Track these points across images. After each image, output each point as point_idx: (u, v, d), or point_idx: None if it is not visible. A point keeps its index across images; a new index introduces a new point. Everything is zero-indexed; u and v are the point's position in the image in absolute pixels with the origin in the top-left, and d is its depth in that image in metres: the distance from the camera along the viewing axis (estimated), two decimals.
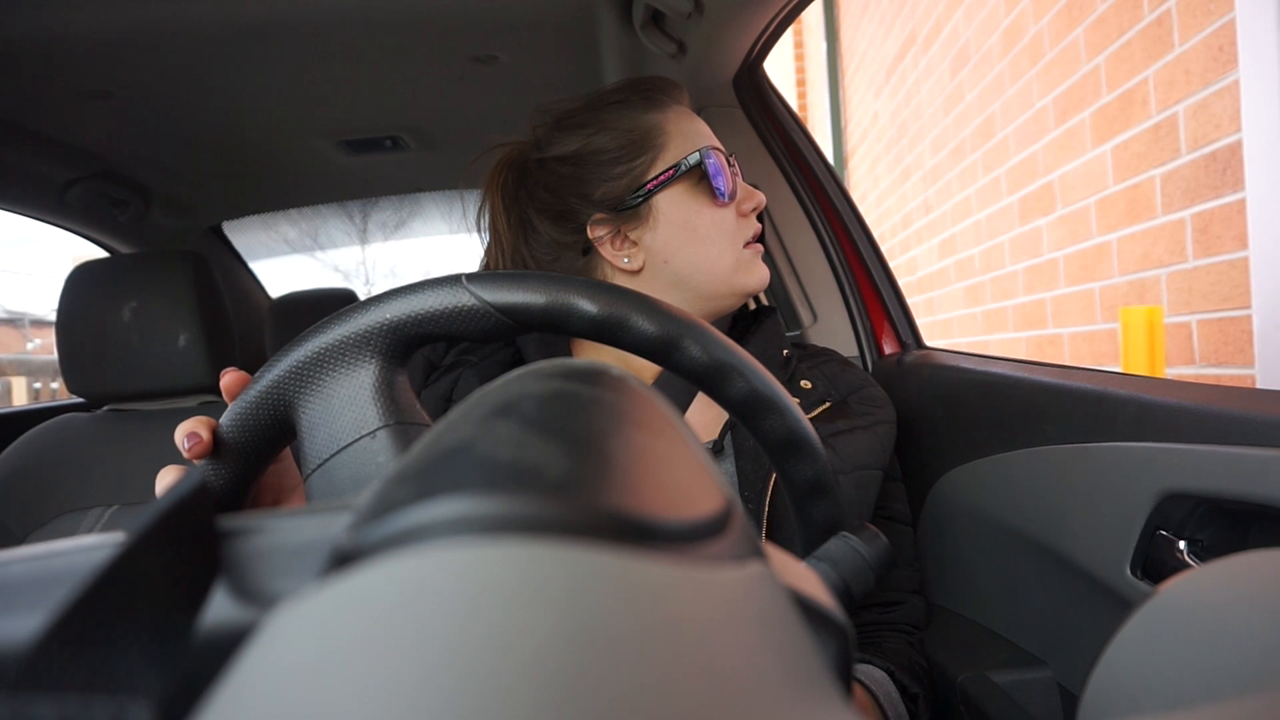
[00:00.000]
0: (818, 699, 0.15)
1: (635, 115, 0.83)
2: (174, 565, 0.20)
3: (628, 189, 0.81)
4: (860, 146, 4.88)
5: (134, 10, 0.93)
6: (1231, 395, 0.58)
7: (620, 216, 0.81)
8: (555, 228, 0.84)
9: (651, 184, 0.80)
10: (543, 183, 0.84)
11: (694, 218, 0.81)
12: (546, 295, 0.46)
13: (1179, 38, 1.80)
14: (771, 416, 0.47)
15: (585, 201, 0.82)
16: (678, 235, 0.81)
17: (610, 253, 0.82)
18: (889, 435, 0.88)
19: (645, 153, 0.81)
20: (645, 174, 0.81)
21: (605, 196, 0.81)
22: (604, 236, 0.82)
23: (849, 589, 0.47)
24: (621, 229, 0.82)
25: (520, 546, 0.15)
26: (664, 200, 0.81)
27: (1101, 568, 0.64)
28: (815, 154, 1.22)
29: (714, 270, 0.82)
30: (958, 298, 3.34)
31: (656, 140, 0.82)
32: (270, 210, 1.92)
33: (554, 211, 0.84)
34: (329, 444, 0.45)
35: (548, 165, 0.84)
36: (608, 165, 0.81)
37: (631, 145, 0.81)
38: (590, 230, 0.82)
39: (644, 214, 0.81)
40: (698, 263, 0.81)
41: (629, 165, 0.81)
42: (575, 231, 0.83)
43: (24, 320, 14.02)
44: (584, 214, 0.82)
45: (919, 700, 0.76)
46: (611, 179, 0.81)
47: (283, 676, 0.13)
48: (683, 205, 0.81)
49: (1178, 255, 1.86)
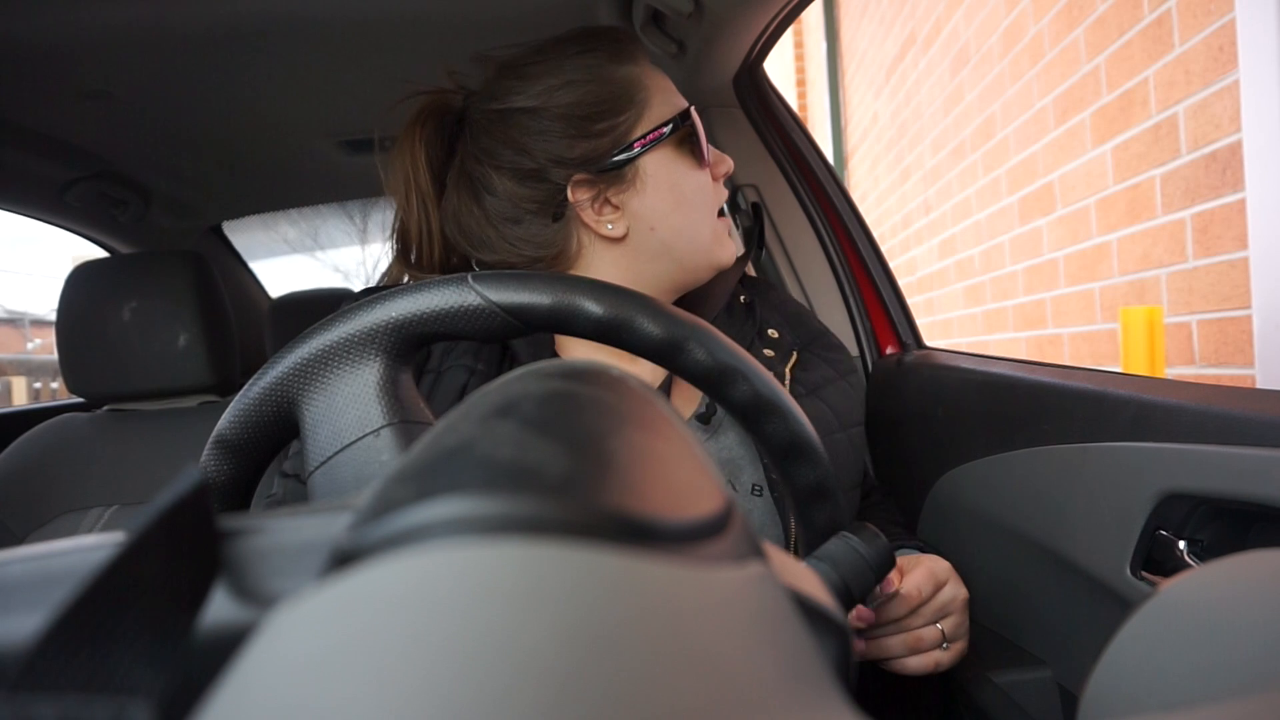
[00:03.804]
0: (818, 699, 0.15)
1: (609, 67, 0.75)
2: (174, 565, 0.20)
3: (612, 148, 0.74)
4: (860, 146, 4.88)
5: (134, 10, 0.93)
6: (1231, 395, 0.58)
7: (603, 178, 0.74)
8: (520, 187, 0.75)
9: (639, 143, 0.74)
10: (502, 137, 0.75)
11: (681, 181, 0.76)
12: (552, 296, 0.46)
13: (1179, 38, 1.80)
14: (774, 420, 0.47)
15: (560, 161, 0.74)
16: (665, 200, 0.76)
17: (591, 217, 0.75)
18: (860, 386, 0.88)
19: (628, 109, 0.75)
20: (630, 132, 0.75)
21: (586, 155, 0.74)
22: (585, 200, 0.75)
23: (849, 589, 0.47)
24: (603, 192, 0.75)
25: (520, 546, 0.15)
26: (651, 162, 0.75)
27: (1101, 568, 0.64)
28: (815, 154, 1.22)
29: (696, 239, 0.77)
30: (958, 298, 3.34)
31: (638, 96, 0.75)
32: (270, 210, 1.92)
33: (519, 170, 0.75)
34: (332, 442, 0.45)
35: (509, 117, 0.75)
36: (586, 120, 0.74)
37: (612, 100, 0.74)
38: (571, 192, 0.74)
39: (629, 176, 0.75)
40: (682, 230, 0.76)
41: (612, 122, 0.74)
42: (546, 193, 0.75)
43: (24, 320, 14.03)
44: (559, 174, 0.74)
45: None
46: (592, 136, 0.74)
47: (283, 676, 0.13)
48: (670, 168, 0.76)
49: (1178, 255, 1.86)
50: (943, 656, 0.67)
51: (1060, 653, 0.74)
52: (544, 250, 0.77)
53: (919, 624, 0.67)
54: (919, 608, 0.66)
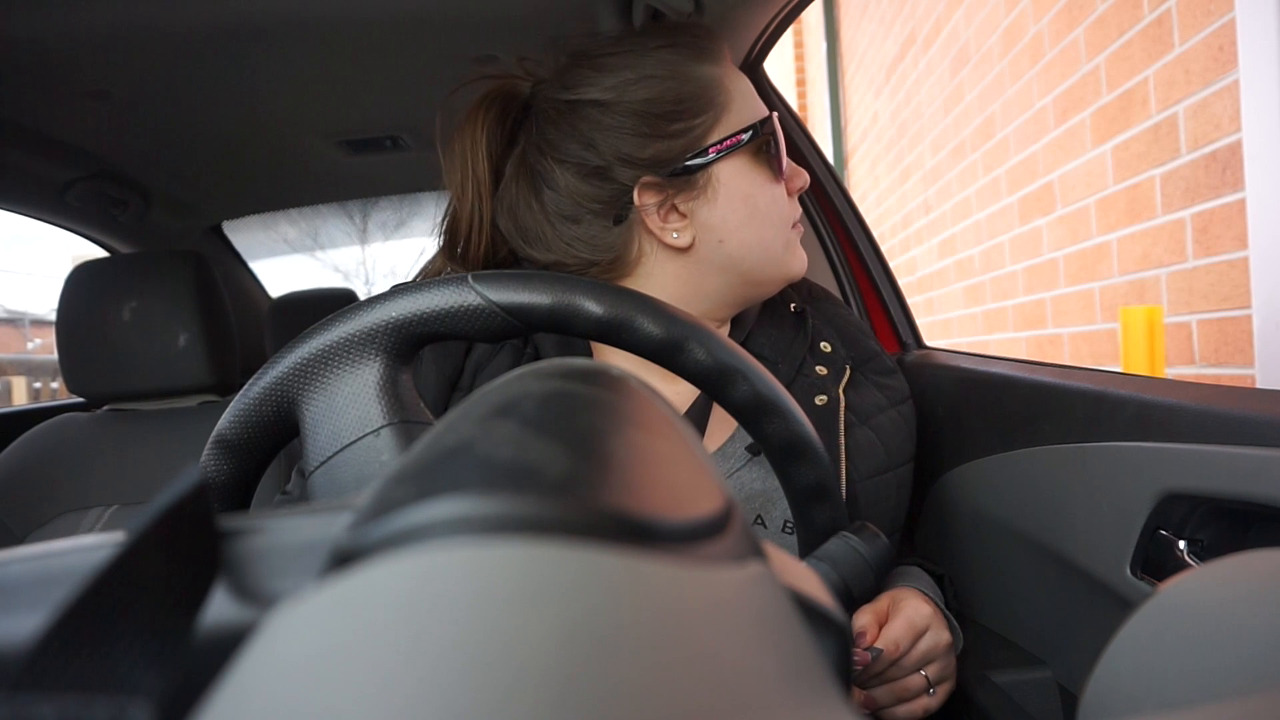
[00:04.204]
0: (818, 699, 0.15)
1: (690, 65, 0.71)
2: (174, 565, 0.20)
3: (685, 151, 0.70)
4: (860, 146, 4.88)
5: (134, 10, 0.93)
6: (1231, 395, 0.58)
7: (672, 183, 0.70)
8: (582, 184, 0.71)
9: (715, 149, 0.70)
10: (570, 129, 0.71)
11: (755, 193, 0.71)
12: (552, 296, 0.46)
13: (1179, 37, 1.80)
14: (774, 420, 0.47)
15: (629, 160, 0.69)
16: (736, 211, 0.71)
17: (656, 224, 0.71)
18: (911, 418, 0.81)
19: (706, 111, 0.70)
20: (706, 136, 0.70)
21: (657, 157, 0.69)
22: (652, 205, 0.70)
23: (849, 589, 0.47)
24: (671, 198, 0.71)
25: (520, 546, 0.15)
26: (725, 170, 0.70)
27: (1101, 568, 0.64)
28: (815, 154, 1.22)
29: (768, 253, 0.72)
30: (958, 298, 3.34)
31: (717, 98, 0.70)
32: (270, 210, 1.92)
33: (584, 166, 0.71)
34: (332, 442, 0.45)
35: (579, 109, 0.71)
36: (662, 120, 0.69)
37: (690, 100, 0.70)
38: (638, 195, 0.70)
39: (700, 183, 0.70)
40: (753, 244, 0.72)
41: (688, 124, 0.70)
42: (610, 193, 0.71)
43: (24, 320, 14.02)
44: (626, 174, 0.70)
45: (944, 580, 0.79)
46: (666, 137, 0.69)
47: (282, 676, 0.13)
48: (745, 178, 0.71)
49: (1178, 255, 1.86)
50: (930, 701, 0.67)
51: (1060, 653, 0.74)
52: (601, 254, 0.73)
53: (903, 675, 0.66)
54: (900, 660, 0.65)
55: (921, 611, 0.67)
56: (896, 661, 0.65)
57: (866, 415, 0.77)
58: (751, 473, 0.74)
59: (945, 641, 0.68)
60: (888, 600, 0.69)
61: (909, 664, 0.66)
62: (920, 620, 0.67)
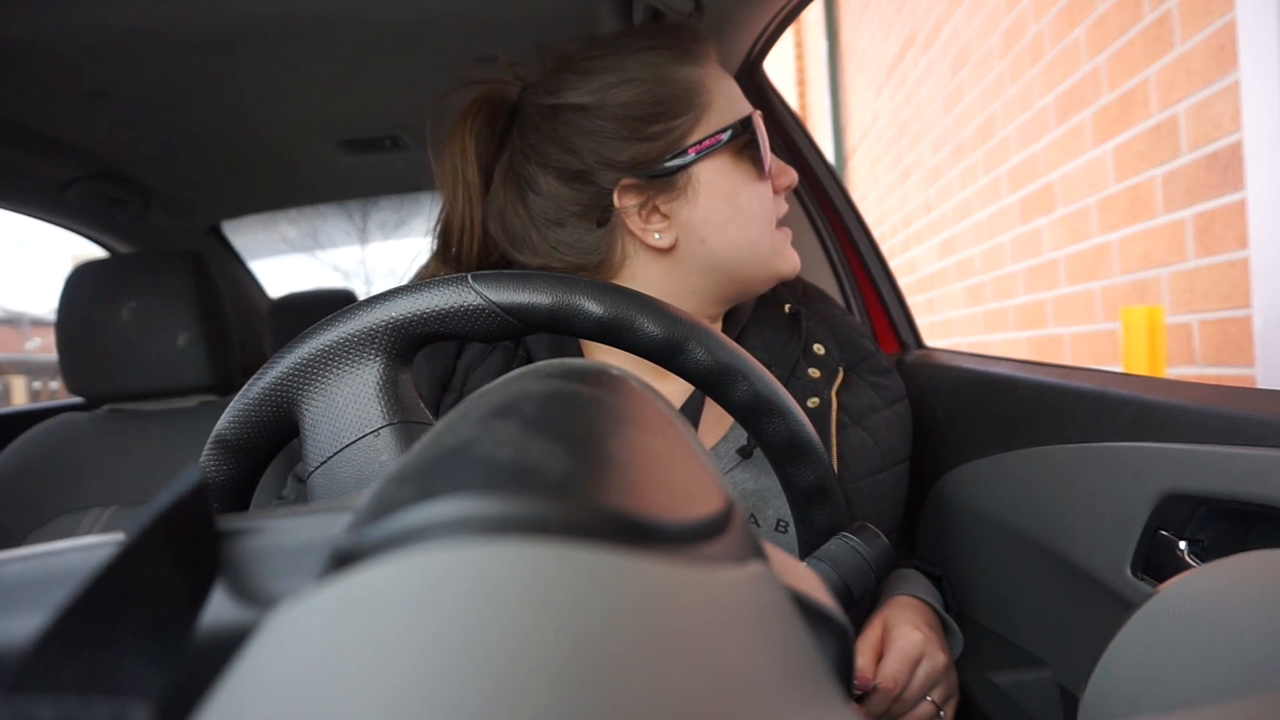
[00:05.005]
0: (818, 699, 0.15)
1: (670, 67, 0.71)
2: (174, 565, 0.20)
3: (664, 152, 0.70)
4: (860, 146, 4.88)
5: (134, 10, 0.93)
6: (1231, 395, 0.58)
7: (653, 184, 0.71)
8: (565, 188, 0.72)
9: (694, 149, 0.70)
10: (551, 134, 0.72)
11: (737, 192, 0.72)
12: (553, 295, 0.46)
13: (1179, 37, 1.80)
14: (774, 420, 0.47)
15: (609, 163, 0.70)
16: (718, 211, 0.71)
17: (637, 225, 0.71)
18: (907, 417, 0.82)
19: (686, 112, 0.71)
20: (686, 137, 0.71)
21: (636, 159, 0.70)
22: (632, 206, 0.71)
23: (849, 589, 0.47)
24: (652, 199, 0.71)
25: (520, 547, 0.15)
26: (706, 170, 0.71)
27: (1101, 568, 0.64)
28: (815, 154, 1.22)
29: (754, 252, 0.73)
30: (958, 297, 3.34)
31: (698, 99, 0.71)
32: (270, 210, 1.92)
33: (565, 170, 0.72)
34: (332, 442, 0.45)
35: (560, 114, 0.72)
36: (641, 122, 0.70)
37: (670, 101, 0.70)
38: (618, 198, 0.71)
39: (680, 184, 0.71)
40: (737, 243, 0.72)
41: (667, 125, 0.70)
42: (592, 197, 0.72)
43: (24, 320, 14.03)
44: (606, 177, 0.71)
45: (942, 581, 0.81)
46: (645, 139, 0.70)
47: (282, 677, 0.13)
48: (726, 177, 0.71)
49: (1178, 255, 1.86)
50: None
51: (1060, 653, 0.74)
52: (586, 257, 0.73)
53: (910, 707, 0.66)
54: (903, 695, 0.66)
55: (913, 640, 0.67)
56: (899, 696, 0.66)
57: (860, 415, 0.77)
58: (744, 473, 0.74)
59: (942, 663, 0.68)
60: (880, 627, 0.69)
61: (912, 695, 0.66)
62: (913, 649, 0.67)
